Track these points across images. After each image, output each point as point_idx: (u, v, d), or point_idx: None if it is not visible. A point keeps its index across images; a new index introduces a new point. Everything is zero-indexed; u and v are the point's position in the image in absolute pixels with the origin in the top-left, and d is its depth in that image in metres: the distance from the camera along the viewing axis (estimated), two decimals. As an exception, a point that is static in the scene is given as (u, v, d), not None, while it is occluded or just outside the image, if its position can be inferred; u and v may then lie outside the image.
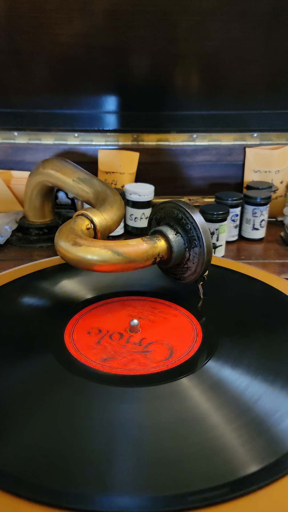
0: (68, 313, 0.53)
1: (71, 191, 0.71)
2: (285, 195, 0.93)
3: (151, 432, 0.37)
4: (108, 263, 0.49)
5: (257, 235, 0.83)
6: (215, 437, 0.36)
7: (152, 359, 0.45)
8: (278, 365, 0.44)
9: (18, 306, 0.55)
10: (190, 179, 0.95)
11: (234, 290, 0.60)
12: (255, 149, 0.93)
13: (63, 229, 0.53)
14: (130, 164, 0.92)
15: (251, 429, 0.37)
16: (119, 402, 0.40)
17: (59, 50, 0.85)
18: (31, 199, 0.80)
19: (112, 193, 0.64)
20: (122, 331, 0.50)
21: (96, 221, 0.57)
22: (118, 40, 0.83)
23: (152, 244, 0.52)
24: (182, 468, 0.33)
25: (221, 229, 0.74)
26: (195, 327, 0.50)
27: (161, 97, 0.92)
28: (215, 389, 0.41)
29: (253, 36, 0.83)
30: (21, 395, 0.41)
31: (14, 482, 0.32)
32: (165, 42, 0.84)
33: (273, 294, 0.57)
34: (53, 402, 0.40)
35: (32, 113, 0.93)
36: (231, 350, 0.46)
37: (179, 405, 0.39)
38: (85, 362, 0.44)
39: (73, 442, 0.36)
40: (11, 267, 0.66)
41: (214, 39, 0.84)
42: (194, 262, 0.53)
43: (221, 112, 0.94)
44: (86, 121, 0.94)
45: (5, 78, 0.88)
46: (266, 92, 0.92)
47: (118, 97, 0.92)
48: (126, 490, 0.32)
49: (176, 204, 0.53)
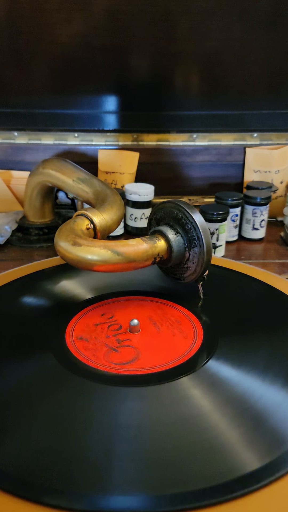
0: (68, 313, 0.53)
1: (71, 191, 0.71)
2: (285, 195, 0.93)
3: (151, 432, 0.37)
4: (108, 263, 0.49)
5: (257, 235, 0.83)
6: (215, 436, 0.36)
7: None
8: (278, 364, 0.44)
9: (18, 306, 0.55)
10: (190, 179, 0.95)
11: (234, 290, 0.60)
12: (255, 149, 0.93)
13: (63, 229, 0.53)
14: (130, 164, 0.92)
15: (251, 428, 0.37)
16: (119, 401, 0.40)
17: (59, 50, 0.85)
18: (31, 199, 0.80)
19: (112, 193, 0.64)
20: (123, 327, 0.50)
21: (96, 221, 0.57)
22: (118, 40, 0.83)
23: (152, 244, 0.52)
24: (182, 468, 0.33)
25: (221, 229, 0.74)
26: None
27: (161, 97, 0.92)
28: (215, 388, 0.41)
29: (253, 36, 0.83)
30: (22, 395, 0.41)
31: (14, 482, 0.32)
32: (165, 42, 0.84)
33: (273, 294, 0.57)
34: (54, 402, 0.40)
35: (32, 113, 0.93)
36: (231, 350, 0.46)
37: (179, 404, 0.39)
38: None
39: (73, 441, 0.36)
40: (11, 267, 0.66)
41: (214, 39, 0.84)
42: (194, 262, 0.53)
43: (221, 112, 0.94)
44: (86, 121, 0.94)
45: (5, 78, 0.89)
46: (266, 92, 0.92)
47: (118, 97, 0.92)
48: (126, 490, 0.32)
49: (176, 204, 0.53)
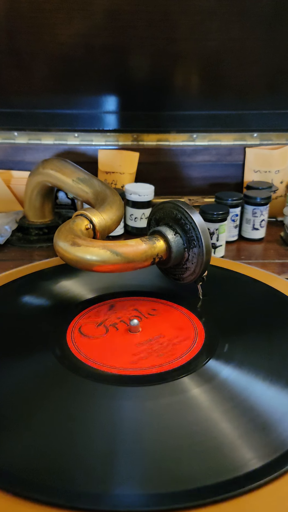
0: (68, 313, 0.53)
1: (70, 191, 0.71)
2: (285, 195, 0.93)
3: (152, 432, 0.37)
4: (107, 263, 0.49)
5: (257, 235, 0.83)
6: (216, 436, 0.36)
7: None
8: (278, 364, 0.44)
9: (18, 306, 0.55)
10: (190, 179, 0.95)
11: (234, 290, 0.60)
12: (255, 149, 0.93)
13: (62, 229, 0.53)
14: (130, 164, 0.92)
15: (252, 428, 0.37)
16: (120, 401, 0.40)
17: (59, 50, 0.85)
18: (31, 199, 0.80)
19: (112, 193, 0.64)
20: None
21: (95, 221, 0.57)
22: (118, 40, 0.83)
23: (151, 245, 0.52)
24: (183, 467, 0.33)
25: (221, 229, 0.74)
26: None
27: (161, 97, 0.92)
28: (216, 388, 0.41)
29: (253, 36, 0.83)
30: (22, 395, 0.41)
31: (14, 482, 0.32)
32: (165, 42, 0.84)
33: (273, 294, 0.57)
34: (54, 402, 0.40)
35: (32, 113, 0.93)
36: (232, 350, 0.46)
37: (180, 404, 0.39)
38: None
39: (74, 441, 0.36)
40: (11, 267, 0.66)
41: (214, 39, 0.84)
42: (193, 262, 0.53)
43: (221, 112, 0.94)
44: (86, 121, 0.94)
45: (5, 78, 0.89)
46: (266, 92, 0.92)
47: (118, 97, 0.92)
48: (127, 489, 0.32)
49: (175, 204, 0.53)
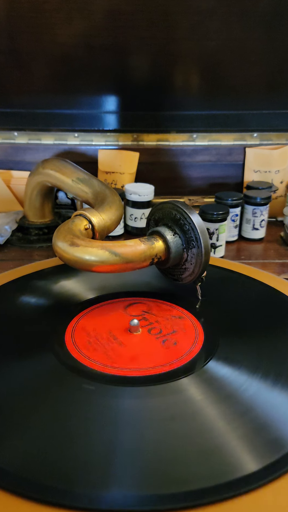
0: (68, 313, 0.53)
1: (70, 191, 0.71)
2: (285, 195, 0.93)
3: (151, 432, 0.37)
4: (105, 263, 0.49)
5: (257, 235, 0.83)
6: (215, 436, 0.36)
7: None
8: (278, 365, 0.44)
9: (18, 306, 0.55)
10: (190, 179, 0.95)
11: (234, 290, 0.59)
12: (255, 149, 0.93)
13: (61, 229, 0.53)
14: (130, 164, 0.92)
15: (251, 428, 0.37)
16: (120, 402, 0.40)
17: (59, 50, 0.85)
18: (31, 199, 0.80)
19: (111, 193, 0.64)
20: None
21: (94, 221, 0.57)
22: (118, 40, 0.83)
23: (149, 245, 0.52)
24: (182, 467, 0.33)
25: (221, 229, 0.74)
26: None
27: (161, 97, 0.92)
28: (216, 389, 0.41)
29: (253, 36, 0.83)
30: (22, 395, 0.41)
31: (14, 481, 0.32)
32: (165, 42, 0.84)
33: (273, 294, 0.57)
34: (54, 402, 0.40)
35: (32, 113, 0.93)
36: (232, 350, 0.46)
37: (180, 405, 0.39)
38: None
39: (74, 441, 0.36)
40: (11, 267, 0.66)
41: (214, 39, 0.84)
42: (192, 263, 0.53)
43: (221, 112, 0.94)
44: (86, 121, 0.94)
45: (5, 78, 0.89)
46: (266, 92, 0.92)
47: (118, 97, 0.92)
48: (126, 488, 0.32)
49: (174, 204, 0.53)
